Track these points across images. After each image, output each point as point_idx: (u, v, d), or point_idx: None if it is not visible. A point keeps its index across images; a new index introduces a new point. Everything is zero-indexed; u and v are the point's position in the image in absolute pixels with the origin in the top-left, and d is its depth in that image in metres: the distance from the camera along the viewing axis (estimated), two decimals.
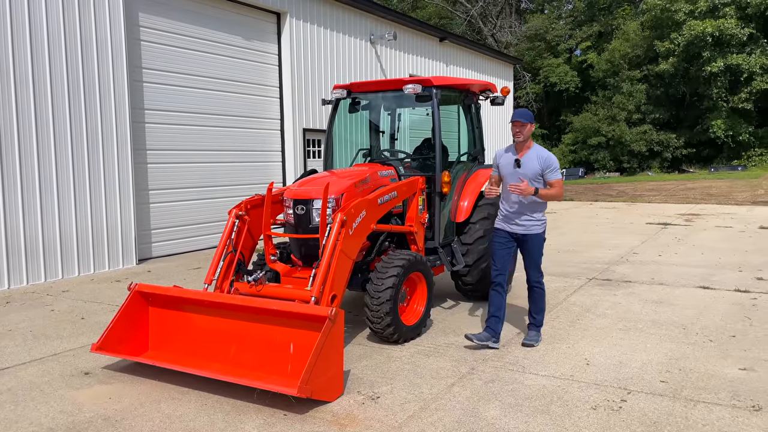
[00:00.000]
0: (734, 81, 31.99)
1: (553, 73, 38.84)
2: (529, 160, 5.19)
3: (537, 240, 5.29)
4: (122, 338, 4.83)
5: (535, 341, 5.38)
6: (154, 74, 10.11)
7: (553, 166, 5.18)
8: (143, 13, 9.87)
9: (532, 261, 5.34)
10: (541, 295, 5.41)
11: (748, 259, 9.28)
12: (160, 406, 4.15)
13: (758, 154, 32.76)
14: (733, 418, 3.87)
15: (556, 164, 5.22)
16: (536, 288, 5.39)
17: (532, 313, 5.49)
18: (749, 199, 19.25)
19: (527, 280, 5.42)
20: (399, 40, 15.84)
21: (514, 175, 5.19)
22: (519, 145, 5.25)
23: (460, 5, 41.11)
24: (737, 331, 5.68)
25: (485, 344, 5.23)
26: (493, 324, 5.28)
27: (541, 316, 5.46)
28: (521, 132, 5.17)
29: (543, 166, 5.16)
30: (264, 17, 12.14)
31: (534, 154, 5.21)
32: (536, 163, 5.17)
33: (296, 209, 5.39)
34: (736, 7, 31.49)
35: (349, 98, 6.84)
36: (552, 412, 3.98)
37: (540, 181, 5.18)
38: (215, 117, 11.20)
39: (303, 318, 4.32)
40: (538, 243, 5.30)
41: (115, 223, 9.24)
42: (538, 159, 5.18)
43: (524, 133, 5.18)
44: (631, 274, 8.34)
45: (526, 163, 5.18)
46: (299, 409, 4.04)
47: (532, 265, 5.35)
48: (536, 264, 5.34)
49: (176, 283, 7.70)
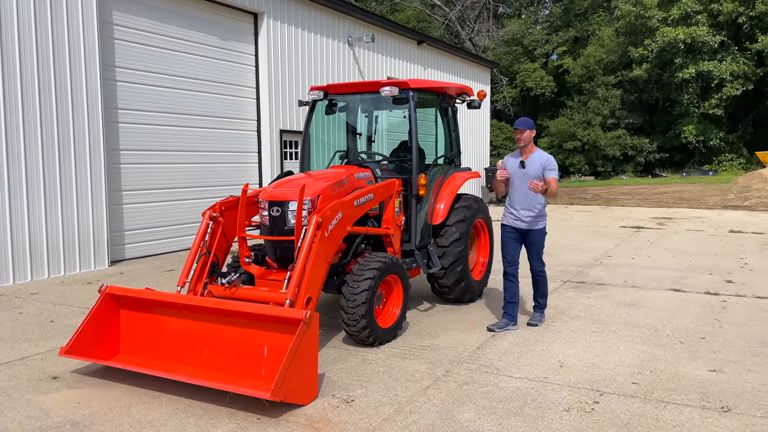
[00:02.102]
0: (705, 87, 32.62)
1: (530, 78, 39.20)
2: (533, 162, 5.89)
3: (539, 234, 5.99)
4: (92, 341, 4.74)
5: (539, 321, 6.08)
6: (129, 73, 9.96)
7: (551, 165, 5.89)
8: (117, 12, 9.72)
9: (534, 252, 6.02)
10: (544, 282, 6.12)
11: (718, 263, 9.46)
12: (131, 411, 4.08)
13: (728, 159, 33.43)
14: (703, 419, 3.93)
15: (555, 165, 5.93)
16: (539, 276, 6.10)
17: (536, 297, 6.18)
18: (720, 203, 19.65)
19: (531, 269, 6.08)
20: (377, 42, 15.84)
21: (521, 175, 5.89)
22: (523, 149, 5.95)
23: (438, 9, 41.29)
24: (707, 333, 5.78)
25: (506, 329, 5.90)
26: (510, 310, 6.00)
27: (544, 300, 6.18)
28: (521, 138, 5.88)
29: (545, 165, 5.86)
30: (241, 17, 12.05)
31: (536, 156, 5.92)
32: (538, 164, 5.87)
33: (271, 211, 5.35)
34: (707, 15, 32.12)
35: (325, 100, 6.82)
36: (526, 414, 4.00)
37: (542, 180, 5.82)
38: (191, 117, 11.07)
39: (277, 321, 4.29)
40: (540, 236, 6.01)
41: (87, 224, 9.08)
42: (540, 160, 5.89)
43: (524, 138, 5.86)
44: (605, 277, 8.45)
45: (530, 165, 5.88)
46: (273, 413, 4.00)
47: (534, 255, 6.03)
48: (538, 255, 6.03)
49: (149, 285, 7.58)
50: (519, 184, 5.91)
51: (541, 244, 6.03)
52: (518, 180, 5.90)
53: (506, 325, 5.92)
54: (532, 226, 5.92)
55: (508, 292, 6.01)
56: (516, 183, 5.94)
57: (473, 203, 6.92)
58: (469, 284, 6.78)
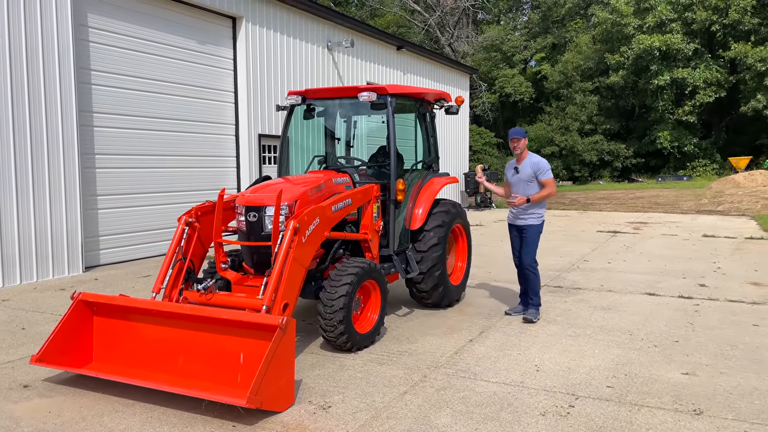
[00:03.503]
0: (680, 94, 33.21)
1: (509, 84, 39.52)
2: (525, 167, 6.45)
3: (533, 230, 6.48)
4: (64, 349, 4.66)
5: (534, 318, 6.42)
6: (104, 76, 9.84)
7: (543, 169, 6.39)
8: (92, 14, 9.60)
9: (527, 247, 6.50)
10: (534, 278, 6.50)
11: (692, 267, 9.61)
12: (103, 420, 4.01)
13: (702, 165, 34.05)
14: (675, 422, 3.98)
15: (546, 167, 6.43)
16: (529, 271, 6.50)
17: (528, 293, 6.56)
18: (694, 208, 19.99)
19: (522, 263, 6.53)
20: (356, 47, 15.86)
21: (515, 180, 6.52)
22: (518, 156, 6.51)
23: (418, 14, 41.45)
24: (680, 337, 5.87)
25: (522, 314, 6.54)
26: (525, 298, 6.64)
27: (537, 298, 6.53)
28: (517, 146, 6.43)
29: (535, 169, 6.38)
30: (219, 21, 11.98)
31: (528, 161, 6.46)
32: (529, 168, 6.41)
33: (248, 216, 5.32)
34: (682, 23, 32.74)
35: (303, 104, 6.80)
36: (502, 419, 4.02)
37: (534, 182, 6.39)
38: (168, 121, 10.97)
39: (253, 327, 4.25)
40: (534, 233, 6.49)
41: (60, 229, 8.92)
42: (531, 165, 6.42)
43: (520, 146, 6.43)
44: (582, 281, 8.53)
45: (523, 170, 6.46)
46: (248, 420, 3.96)
47: (527, 250, 6.50)
48: (531, 251, 6.50)
49: (124, 291, 7.48)
50: (515, 187, 6.56)
51: (534, 241, 6.51)
52: (514, 183, 6.58)
53: (522, 311, 6.62)
54: (524, 222, 6.49)
55: (521, 284, 6.68)
56: (513, 185, 6.61)
57: (451, 208, 6.95)
58: (447, 289, 6.80)
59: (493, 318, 6.57)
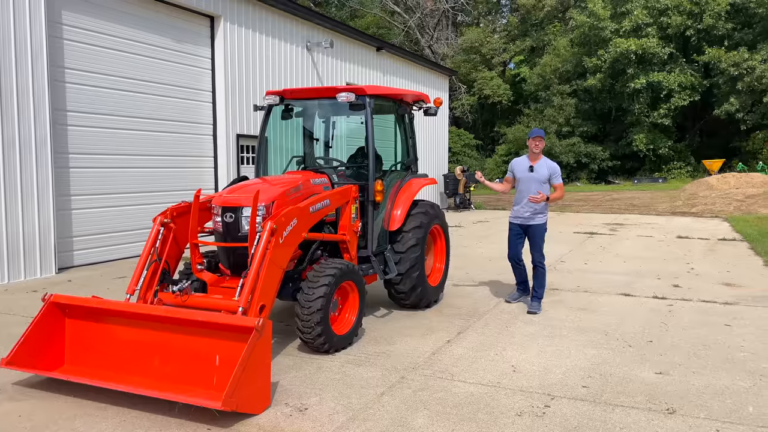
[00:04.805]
0: (655, 97, 33.73)
1: (488, 86, 39.79)
2: (540, 167, 6.82)
3: (539, 229, 6.87)
4: (35, 352, 4.57)
5: (538, 310, 6.79)
6: (79, 75, 9.68)
7: (557, 172, 6.88)
8: (67, 11, 9.44)
9: (535, 245, 6.88)
10: (542, 273, 6.88)
11: (666, 267, 9.75)
12: (75, 424, 3.94)
13: (677, 168, 34.63)
14: (649, 421, 4.03)
15: (560, 171, 6.92)
16: (538, 267, 6.87)
17: (534, 287, 6.90)
18: (669, 209, 20.30)
19: (532, 260, 6.89)
20: (336, 48, 15.83)
21: (529, 178, 6.81)
22: (533, 155, 6.86)
23: (398, 16, 41.54)
24: (654, 337, 5.95)
25: (519, 300, 7.18)
26: (521, 286, 7.26)
27: (541, 290, 6.91)
28: (539, 145, 6.79)
29: (551, 172, 6.82)
30: (197, 20, 11.87)
31: (544, 162, 6.85)
32: (545, 170, 6.81)
33: (225, 217, 5.27)
34: (657, 28, 33.26)
35: (281, 105, 6.76)
36: (479, 420, 4.03)
37: (547, 184, 6.80)
38: (144, 121, 10.83)
39: (229, 329, 4.21)
40: (540, 231, 6.87)
41: (33, 230, 8.76)
42: (547, 167, 6.83)
43: (541, 146, 6.78)
44: (559, 282, 8.60)
45: (538, 169, 6.80)
46: (224, 423, 3.92)
47: (535, 248, 6.88)
48: (538, 247, 6.87)
49: (99, 293, 7.33)
50: (526, 185, 6.83)
51: (541, 238, 6.89)
52: (525, 181, 6.85)
53: (519, 297, 7.22)
54: (532, 221, 6.84)
55: (516, 277, 7.21)
56: (523, 183, 6.86)
57: (430, 209, 6.96)
58: (425, 290, 6.81)
59: (471, 319, 6.60)
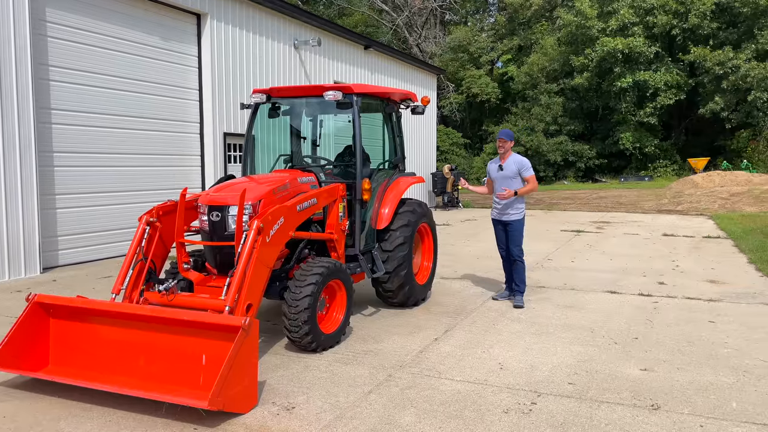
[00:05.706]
0: (641, 96, 33.96)
1: (475, 84, 39.86)
2: (508, 165, 7.04)
3: (517, 224, 7.08)
4: (19, 353, 4.53)
5: (521, 303, 7.03)
6: (64, 73, 9.58)
7: (525, 166, 7.00)
8: (51, 8, 9.34)
9: (513, 239, 7.10)
10: (520, 267, 7.11)
11: (652, 265, 9.84)
12: (59, 425, 3.91)
13: (663, 166, 34.89)
14: (633, 417, 4.07)
15: (528, 164, 7.04)
16: (518, 262, 7.11)
17: (515, 281, 7.16)
18: (654, 207, 20.47)
19: (511, 255, 7.12)
20: (324, 46, 15.79)
21: (499, 176, 7.06)
22: (502, 155, 7.11)
23: (386, 14, 41.51)
24: (639, 334, 6.00)
25: (507, 298, 7.30)
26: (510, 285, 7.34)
27: (522, 285, 7.16)
28: (503, 146, 7.03)
29: (518, 166, 6.98)
30: (183, 18, 11.79)
31: (512, 159, 7.06)
32: (513, 166, 7.00)
33: (211, 216, 5.25)
34: (643, 27, 33.46)
35: (268, 103, 6.74)
36: (465, 417, 4.05)
37: (518, 178, 6.99)
38: (130, 119, 10.74)
39: (215, 328, 4.20)
40: (518, 226, 7.09)
41: (17, 229, 8.67)
42: (515, 162, 7.01)
43: (505, 147, 7.02)
44: (545, 280, 8.65)
45: (507, 167, 7.04)
46: (210, 422, 3.91)
47: (513, 242, 7.10)
48: (517, 242, 7.09)
49: (84, 292, 7.30)
50: (499, 183, 7.08)
51: (519, 233, 7.09)
52: (498, 180, 7.10)
53: (508, 296, 7.35)
54: (508, 216, 7.06)
55: (506, 271, 7.37)
56: (497, 182, 7.11)
57: (417, 208, 6.97)
58: (413, 288, 6.82)
59: (459, 316, 6.62)
